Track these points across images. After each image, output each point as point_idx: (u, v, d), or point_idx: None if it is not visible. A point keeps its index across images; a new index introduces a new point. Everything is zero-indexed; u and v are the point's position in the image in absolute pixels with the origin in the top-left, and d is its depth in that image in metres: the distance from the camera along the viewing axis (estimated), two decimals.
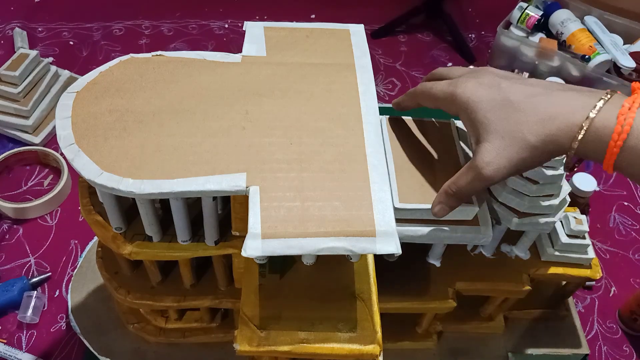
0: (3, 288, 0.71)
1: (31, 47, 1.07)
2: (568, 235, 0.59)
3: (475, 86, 0.42)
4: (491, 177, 0.40)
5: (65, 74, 0.97)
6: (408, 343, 0.67)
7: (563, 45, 1.09)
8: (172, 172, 0.42)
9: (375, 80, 0.70)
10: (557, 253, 0.60)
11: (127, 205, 0.50)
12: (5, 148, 0.88)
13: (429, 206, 0.48)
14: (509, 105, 0.40)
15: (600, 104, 0.37)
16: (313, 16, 1.22)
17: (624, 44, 1.08)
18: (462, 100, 0.42)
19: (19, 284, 0.71)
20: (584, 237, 0.60)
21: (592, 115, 0.37)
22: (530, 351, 0.69)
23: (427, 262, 0.59)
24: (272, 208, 0.41)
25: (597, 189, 0.83)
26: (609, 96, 0.38)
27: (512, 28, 1.13)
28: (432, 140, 0.54)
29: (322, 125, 0.46)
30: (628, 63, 1.02)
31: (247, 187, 0.42)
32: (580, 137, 0.37)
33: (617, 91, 0.39)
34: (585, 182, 0.82)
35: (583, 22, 1.11)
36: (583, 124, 0.37)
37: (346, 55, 0.53)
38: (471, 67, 0.50)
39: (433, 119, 0.56)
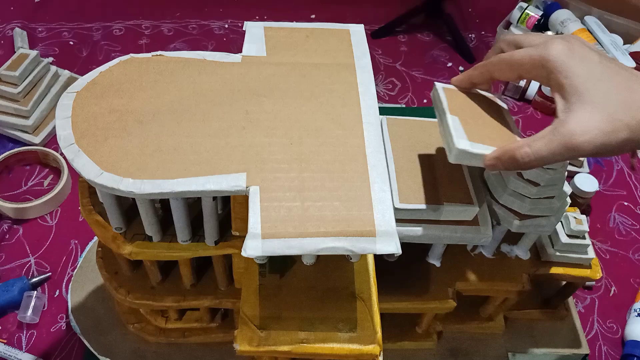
0: (3, 288, 0.71)
1: (31, 47, 1.07)
2: (568, 235, 0.59)
3: (570, 52, 0.40)
4: (581, 147, 0.38)
5: (65, 74, 0.97)
6: (408, 343, 0.67)
7: None
8: (172, 172, 0.42)
9: (375, 80, 0.70)
10: (557, 253, 0.60)
11: (127, 205, 0.50)
12: (5, 148, 0.88)
13: (429, 206, 0.48)
14: (608, 83, 0.39)
15: None
16: (313, 16, 1.22)
17: (624, 44, 1.08)
18: (556, 63, 0.40)
19: (19, 284, 0.71)
20: (584, 237, 0.60)
21: None
22: (530, 351, 0.69)
23: (427, 262, 0.59)
24: (272, 208, 0.41)
25: (598, 189, 0.83)
26: None
27: (512, 28, 1.13)
28: (432, 140, 0.54)
29: (322, 125, 0.46)
30: (628, 63, 1.02)
31: (247, 187, 0.42)
32: None
33: None
34: (587, 182, 0.82)
35: (583, 22, 1.11)
36: None
37: (346, 55, 0.53)
38: (549, 32, 0.47)
39: (432, 119, 0.55)
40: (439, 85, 0.48)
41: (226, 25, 1.18)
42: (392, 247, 0.40)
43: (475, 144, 0.42)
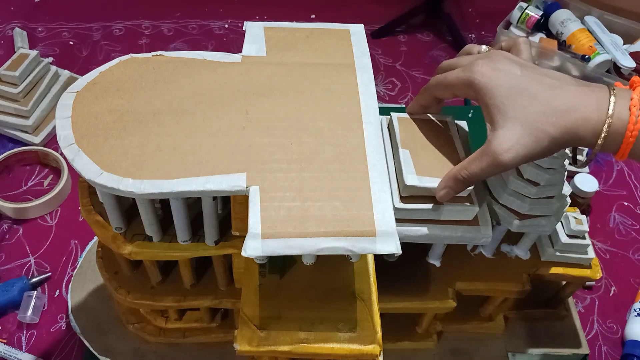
0: (3, 288, 0.71)
1: (31, 47, 1.07)
2: (568, 236, 0.59)
3: (492, 71, 0.42)
4: (507, 164, 0.41)
5: (65, 74, 0.97)
6: (408, 343, 0.67)
7: (563, 45, 1.09)
8: (172, 172, 0.42)
9: (375, 80, 0.70)
10: (557, 253, 0.60)
11: (127, 205, 0.50)
12: (5, 148, 0.88)
13: (429, 206, 0.48)
14: (528, 94, 0.41)
15: (612, 99, 0.39)
16: (313, 16, 1.22)
17: (624, 44, 1.08)
18: (480, 85, 0.42)
19: (19, 284, 0.71)
20: (584, 237, 0.60)
21: (610, 111, 0.39)
22: (530, 351, 0.69)
23: (427, 262, 0.59)
24: (272, 208, 0.41)
25: (598, 189, 0.83)
26: (614, 91, 0.40)
27: (512, 28, 1.13)
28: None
29: (322, 125, 0.46)
30: (628, 63, 1.02)
31: (247, 187, 0.42)
32: (604, 133, 0.39)
33: (614, 84, 0.42)
34: (587, 182, 0.82)
35: (583, 22, 1.11)
36: (607, 120, 0.39)
37: (346, 55, 0.53)
38: (483, 47, 0.50)
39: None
40: (394, 116, 0.52)
41: (226, 25, 1.18)
42: (392, 247, 0.40)
43: (423, 178, 0.46)
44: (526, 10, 1.11)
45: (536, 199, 0.51)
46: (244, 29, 0.55)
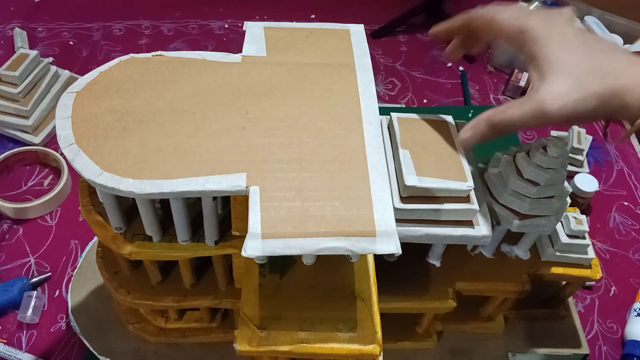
0: (3, 288, 0.71)
1: (31, 47, 1.07)
2: (568, 236, 0.59)
3: (549, 25, 0.42)
4: (554, 114, 0.40)
5: (65, 74, 0.97)
6: (408, 343, 0.67)
7: None
8: (172, 172, 0.42)
9: (375, 80, 0.69)
10: (557, 253, 0.60)
11: (127, 205, 0.50)
12: (5, 148, 0.88)
13: (429, 206, 0.48)
14: (581, 53, 0.41)
15: None
16: (313, 16, 1.22)
17: (624, 44, 1.08)
18: (534, 34, 0.42)
19: (19, 284, 0.71)
20: (584, 237, 0.60)
21: None
22: (530, 351, 0.69)
23: (427, 262, 0.59)
24: (272, 208, 0.41)
25: (598, 189, 0.83)
26: None
27: None
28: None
29: (322, 125, 0.46)
30: None
31: (247, 187, 0.42)
32: None
33: None
34: (587, 182, 0.82)
35: (583, 22, 1.11)
36: None
37: (346, 55, 0.53)
38: (537, 2, 0.50)
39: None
40: (394, 116, 0.52)
41: (226, 25, 1.18)
42: (392, 247, 0.40)
43: (423, 178, 0.46)
44: None
45: (536, 199, 0.51)
46: (244, 29, 0.55)
